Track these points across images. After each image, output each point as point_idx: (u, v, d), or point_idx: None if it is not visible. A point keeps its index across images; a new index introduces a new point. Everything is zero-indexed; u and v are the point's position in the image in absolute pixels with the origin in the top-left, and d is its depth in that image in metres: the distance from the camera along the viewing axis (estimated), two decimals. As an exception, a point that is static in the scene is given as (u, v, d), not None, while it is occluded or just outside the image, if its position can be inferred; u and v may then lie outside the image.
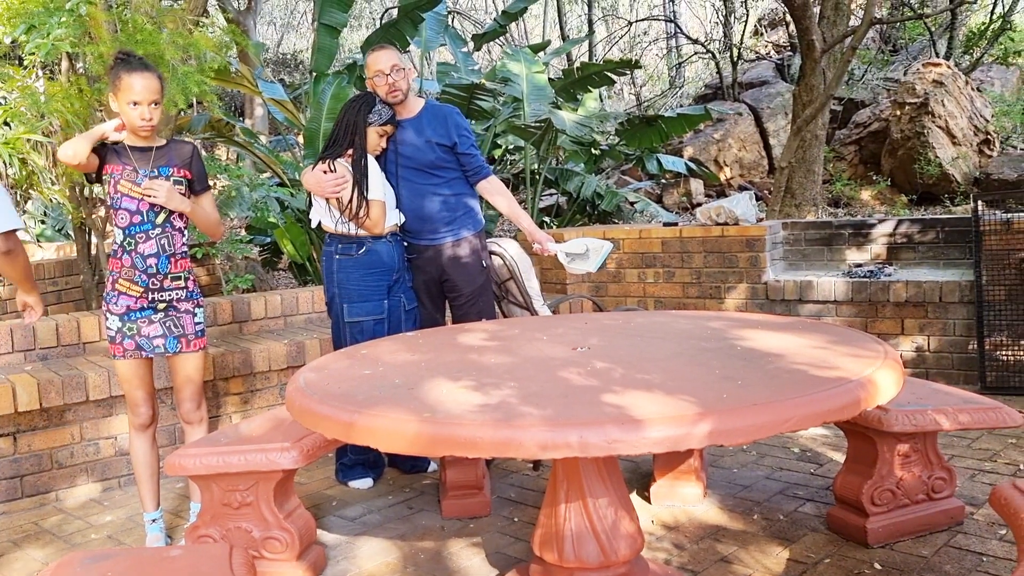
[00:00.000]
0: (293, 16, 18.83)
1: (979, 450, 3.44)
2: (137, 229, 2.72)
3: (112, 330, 2.76)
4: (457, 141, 3.38)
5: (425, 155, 3.36)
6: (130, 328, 2.75)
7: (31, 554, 2.91)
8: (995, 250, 4.27)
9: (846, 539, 2.66)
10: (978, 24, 12.07)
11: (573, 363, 2.18)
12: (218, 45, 4.87)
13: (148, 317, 2.77)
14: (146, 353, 2.79)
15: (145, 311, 2.77)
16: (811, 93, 7.19)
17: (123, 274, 2.74)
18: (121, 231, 2.73)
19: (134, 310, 2.75)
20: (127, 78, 2.66)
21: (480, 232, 3.54)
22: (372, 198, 3.21)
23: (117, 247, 2.75)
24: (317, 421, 1.93)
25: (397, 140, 3.38)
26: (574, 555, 2.10)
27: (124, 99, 2.67)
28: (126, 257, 2.73)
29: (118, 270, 2.75)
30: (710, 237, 5.07)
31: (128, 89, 2.66)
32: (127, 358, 2.77)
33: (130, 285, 2.74)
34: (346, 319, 3.30)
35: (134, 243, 2.72)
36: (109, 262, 2.79)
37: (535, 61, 7.32)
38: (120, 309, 2.75)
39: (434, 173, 3.39)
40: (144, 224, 2.73)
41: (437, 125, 3.38)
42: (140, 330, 2.76)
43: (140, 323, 2.76)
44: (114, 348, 2.77)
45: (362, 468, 3.42)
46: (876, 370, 1.95)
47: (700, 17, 16.96)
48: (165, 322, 2.79)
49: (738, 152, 10.82)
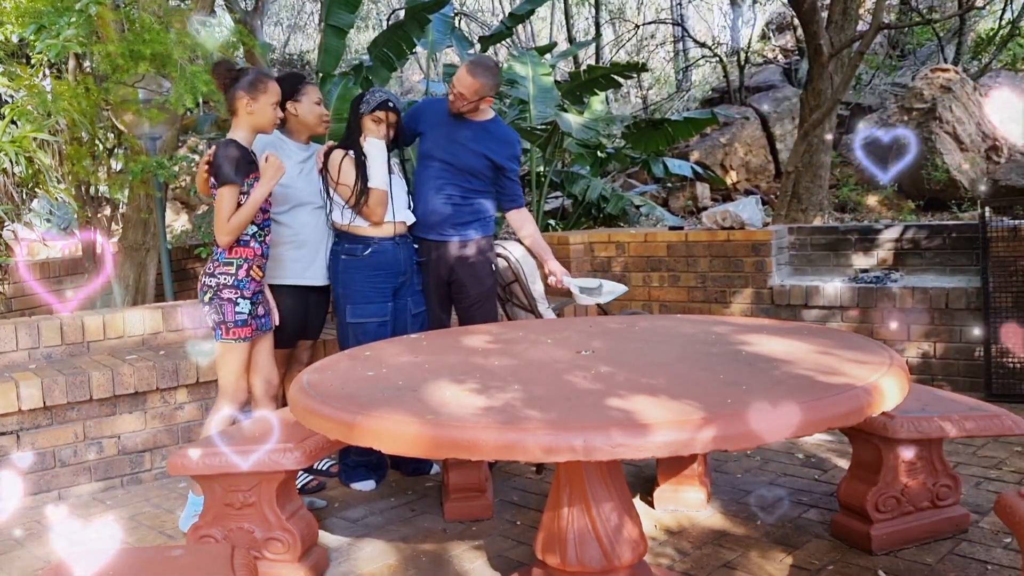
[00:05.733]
0: (300, 17, 18.87)
1: (985, 457, 3.42)
2: (265, 224, 3.04)
3: (244, 313, 2.97)
4: (508, 167, 3.51)
5: (470, 161, 3.43)
6: (254, 309, 3.01)
7: (33, 552, 2.91)
8: (1002, 257, 4.25)
9: (850, 546, 2.65)
10: (987, 30, 12.03)
11: (577, 366, 2.17)
12: (225, 45, 4.88)
13: (259, 299, 3.07)
14: (261, 331, 3.07)
15: (260, 294, 3.07)
16: (818, 98, 7.18)
17: (256, 262, 3.01)
18: (256, 225, 2.99)
19: (257, 292, 3.03)
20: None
21: (490, 237, 3.58)
22: (372, 186, 3.23)
23: (249, 237, 2.98)
24: (319, 422, 1.93)
25: (447, 132, 3.45)
26: (577, 559, 2.09)
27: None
28: (258, 246, 3.01)
29: (252, 258, 2.99)
30: (716, 241, 5.06)
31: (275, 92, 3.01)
32: (254, 337, 3.02)
33: (259, 272, 3.04)
34: (348, 320, 3.30)
35: (263, 235, 3.02)
36: (237, 251, 2.95)
37: (541, 63, 7.33)
38: (250, 293, 2.99)
39: (468, 177, 3.46)
40: (268, 221, 3.07)
41: (496, 144, 3.47)
42: (257, 311, 3.04)
43: (257, 304, 3.05)
44: (243, 331, 2.97)
45: (365, 470, 3.42)
46: (881, 376, 1.94)
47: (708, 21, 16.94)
48: (264, 303, 3.11)
49: (744, 156, 10.81)
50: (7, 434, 3.29)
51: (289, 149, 3.37)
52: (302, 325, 3.45)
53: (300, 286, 3.38)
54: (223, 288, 2.94)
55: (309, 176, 3.38)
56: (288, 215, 3.33)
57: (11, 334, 3.59)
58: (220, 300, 2.94)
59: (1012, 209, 6.30)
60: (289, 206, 3.33)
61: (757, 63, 13.62)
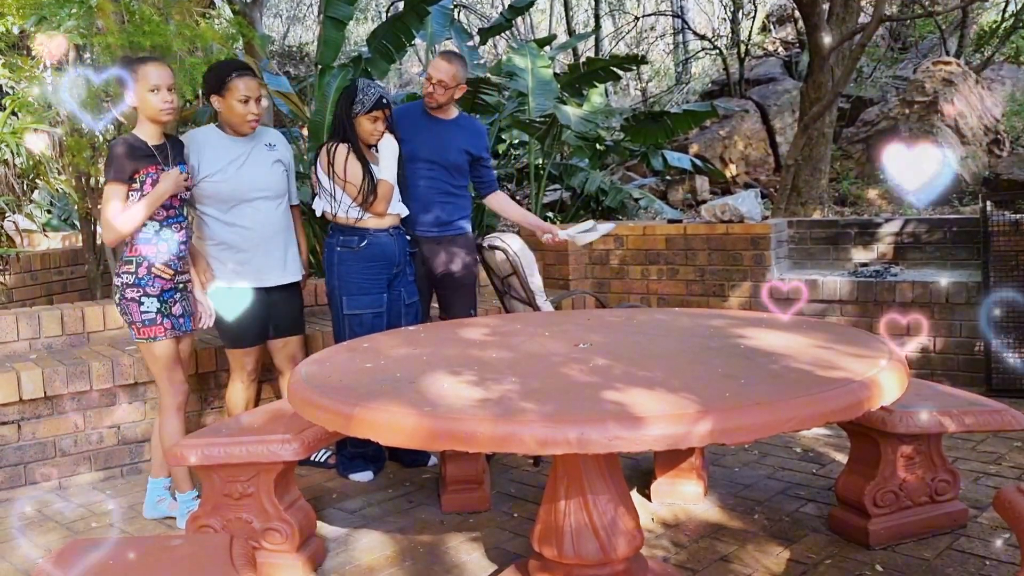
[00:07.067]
0: (299, 8, 18.82)
1: (984, 453, 3.42)
2: (172, 220, 2.92)
3: (151, 312, 2.88)
4: (485, 156, 3.71)
5: (451, 156, 3.58)
6: (166, 308, 2.92)
7: (34, 541, 2.92)
8: (1003, 251, 4.25)
9: (847, 540, 2.65)
10: (989, 22, 11.99)
11: (575, 359, 2.18)
12: (224, 37, 4.86)
13: (174, 298, 2.96)
14: (178, 331, 2.95)
15: (170, 292, 2.94)
16: (819, 90, 7.16)
17: (159, 259, 2.89)
18: (156, 222, 2.87)
19: (167, 291, 2.92)
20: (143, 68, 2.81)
21: (472, 232, 3.77)
22: (381, 178, 3.24)
23: (151, 235, 2.87)
24: (317, 413, 1.93)
25: (429, 133, 3.55)
26: (573, 551, 2.10)
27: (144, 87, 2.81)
28: (162, 244, 2.89)
29: (153, 255, 2.88)
30: (715, 235, 5.05)
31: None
32: (168, 337, 2.91)
33: (164, 269, 2.91)
34: (345, 311, 3.31)
35: (170, 232, 2.90)
36: (134, 249, 2.87)
37: (541, 56, 7.30)
38: (156, 291, 2.89)
39: (454, 173, 3.61)
40: (178, 217, 2.95)
41: (471, 136, 3.66)
42: (171, 309, 2.94)
43: (170, 303, 2.94)
44: (154, 329, 2.88)
45: (363, 461, 3.43)
46: (880, 371, 1.94)
47: (708, 13, 16.89)
48: (182, 302, 2.99)
49: (744, 149, 10.79)
50: (8, 423, 3.30)
51: (218, 144, 3.13)
52: (263, 325, 3.28)
53: (247, 287, 3.19)
54: (126, 288, 2.86)
55: (251, 170, 3.14)
56: (231, 214, 3.14)
57: (12, 324, 3.60)
58: (125, 300, 2.86)
59: (1014, 203, 6.29)
60: (229, 205, 3.13)
61: (757, 56, 13.58)
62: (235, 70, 3.09)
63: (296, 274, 3.34)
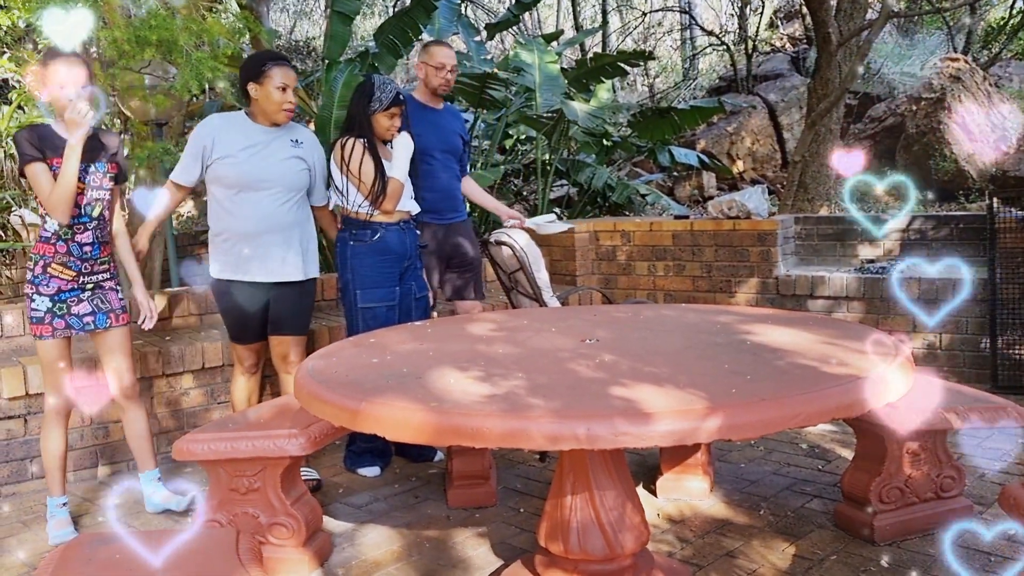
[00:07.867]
0: (306, 3, 18.80)
1: (989, 449, 3.41)
2: (75, 221, 2.83)
3: (40, 311, 2.82)
4: (468, 141, 3.90)
5: (454, 142, 3.77)
6: (60, 308, 2.85)
7: (40, 535, 2.93)
8: (1010, 248, 4.23)
9: (853, 536, 2.65)
10: (997, 19, 11.93)
11: (581, 355, 2.18)
12: (231, 31, 4.87)
13: (77, 297, 2.88)
14: (76, 331, 2.88)
15: (74, 292, 2.88)
16: (826, 87, 7.13)
17: (56, 259, 2.84)
18: (56, 222, 2.80)
19: (64, 291, 2.85)
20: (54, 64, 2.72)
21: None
22: (392, 176, 3.26)
23: (51, 235, 2.82)
24: (324, 408, 1.94)
25: (432, 124, 3.66)
26: (579, 547, 2.10)
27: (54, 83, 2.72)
28: (61, 244, 2.83)
29: (51, 255, 2.83)
30: (721, 231, 5.04)
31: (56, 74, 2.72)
32: (56, 337, 2.84)
33: (63, 269, 2.85)
34: (359, 305, 3.31)
35: (71, 233, 2.83)
36: (37, 247, 2.85)
37: (548, 51, 7.29)
38: (51, 291, 2.83)
39: (455, 160, 3.80)
40: (83, 217, 2.85)
41: (460, 122, 3.87)
42: (70, 309, 2.86)
43: (70, 303, 2.86)
44: (41, 328, 2.83)
45: (371, 456, 3.43)
46: (886, 367, 1.94)
47: (715, 8, 16.83)
48: (92, 300, 2.91)
49: (751, 145, 10.76)
50: (15, 418, 3.31)
51: (239, 129, 3.14)
52: (261, 322, 3.24)
53: (245, 281, 3.16)
54: (26, 282, 2.84)
55: (263, 160, 3.12)
56: (234, 200, 3.11)
57: (18, 318, 3.61)
58: (26, 294, 2.83)
59: (1021, 200, 6.25)
60: (234, 191, 3.10)
61: (765, 52, 13.54)
62: (272, 59, 3.17)
63: (299, 273, 3.23)
